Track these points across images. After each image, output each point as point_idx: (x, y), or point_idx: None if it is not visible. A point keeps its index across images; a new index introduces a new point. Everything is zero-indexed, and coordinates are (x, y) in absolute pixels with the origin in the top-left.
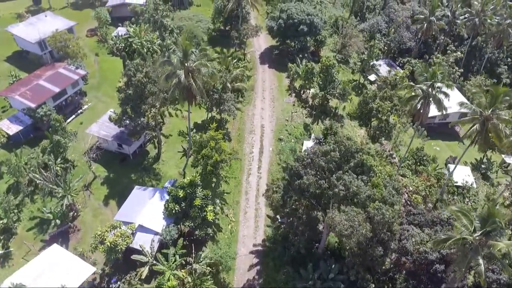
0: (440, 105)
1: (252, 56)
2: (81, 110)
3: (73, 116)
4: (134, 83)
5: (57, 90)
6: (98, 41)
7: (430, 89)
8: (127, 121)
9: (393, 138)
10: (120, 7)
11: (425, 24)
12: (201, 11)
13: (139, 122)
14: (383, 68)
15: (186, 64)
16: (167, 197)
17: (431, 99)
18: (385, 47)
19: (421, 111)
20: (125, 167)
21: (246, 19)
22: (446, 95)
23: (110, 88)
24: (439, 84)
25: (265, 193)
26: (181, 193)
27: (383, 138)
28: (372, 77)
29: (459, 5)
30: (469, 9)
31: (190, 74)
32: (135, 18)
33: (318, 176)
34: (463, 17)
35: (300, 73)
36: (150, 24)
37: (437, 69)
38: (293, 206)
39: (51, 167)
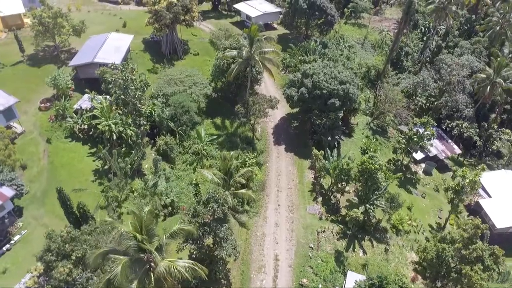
0: None
1: (264, 130)
2: (8, 245)
3: None
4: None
5: None
6: (52, 120)
7: None
8: None
9: None
10: (88, 68)
11: (488, 87)
12: (200, 62)
13: None
14: (434, 146)
15: (145, 257)
16: None
17: None
18: (428, 104)
19: None
20: None
21: (257, 80)
22: None
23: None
24: None
25: None
26: None
27: None
28: (418, 156)
29: None
30: None
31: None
32: (105, 85)
33: None
34: None
35: (330, 170)
36: (120, 105)
37: None
38: None
39: None
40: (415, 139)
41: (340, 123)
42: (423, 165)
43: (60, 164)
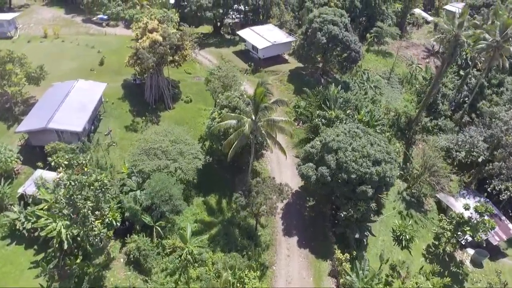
0: None
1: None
2: None
3: None
4: None
5: None
6: None
7: None
8: None
9: None
10: (43, 134)
11: None
12: (192, 112)
13: None
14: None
15: None
16: None
17: None
18: (469, 157)
19: None
20: None
21: (263, 145)
22: None
23: None
24: None
25: None
26: None
27: None
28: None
29: None
30: None
31: None
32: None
33: None
34: None
35: None
36: (65, 219)
37: None
38: None
39: None
40: (466, 230)
41: (372, 215)
42: (470, 251)
43: None
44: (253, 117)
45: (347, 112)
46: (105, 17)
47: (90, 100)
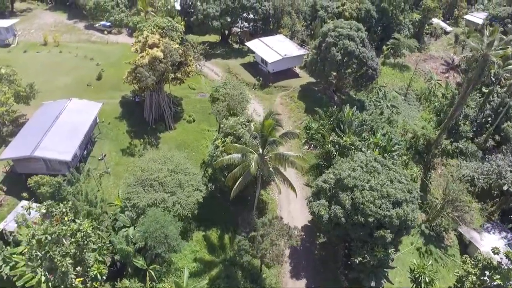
0: None
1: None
2: None
3: None
4: None
5: None
6: None
7: None
8: None
9: None
10: (28, 162)
11: None
12: (195, 133)
13: None
14: None
15: None
16: None
17: None
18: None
19: None
20: None
21: (270, 179)
22: None
23: None
24: None
25: None
26: None
27: None
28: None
29: None
30: None
31: None
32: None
33: None
34: None
35: None
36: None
37: None
38: None
39: None
40: (496, 278)
41: (390, 260)
42: None
43: None
44: (260, 151)
45: (363, 135)
46: (108, 24)
47: (83, 122)
